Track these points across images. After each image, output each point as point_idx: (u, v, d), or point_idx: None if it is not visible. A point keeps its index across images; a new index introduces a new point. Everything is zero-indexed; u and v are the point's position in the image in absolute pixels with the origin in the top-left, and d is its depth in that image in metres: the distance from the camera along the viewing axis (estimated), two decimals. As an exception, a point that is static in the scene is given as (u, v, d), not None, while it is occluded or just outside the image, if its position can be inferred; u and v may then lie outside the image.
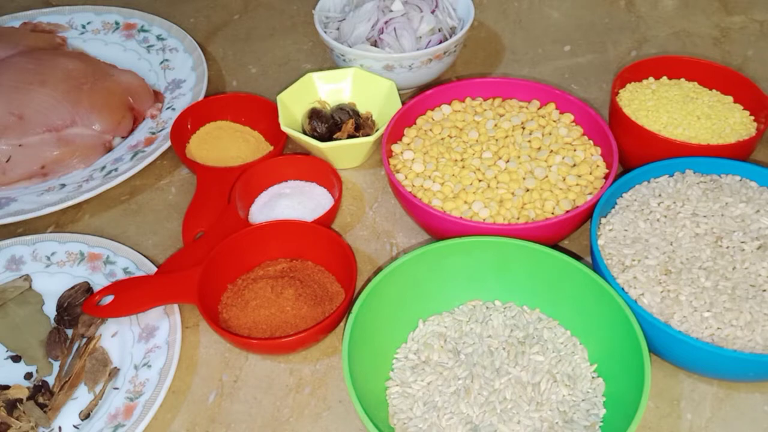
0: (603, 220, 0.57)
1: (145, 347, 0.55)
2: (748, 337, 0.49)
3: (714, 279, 0.51)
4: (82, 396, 0.54)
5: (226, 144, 0.71)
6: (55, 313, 0.59)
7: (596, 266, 0.54)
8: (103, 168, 0.71)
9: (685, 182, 0.58)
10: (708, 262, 0.53)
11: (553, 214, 0.58)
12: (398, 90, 0.71)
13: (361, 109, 0.73)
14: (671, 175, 0.60)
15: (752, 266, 0.52)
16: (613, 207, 0.59)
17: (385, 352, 0.54)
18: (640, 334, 0.48)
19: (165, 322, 0.56)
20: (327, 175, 0.66)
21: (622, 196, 0.59)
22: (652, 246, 0.54)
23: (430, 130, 0.67)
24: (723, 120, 0.64)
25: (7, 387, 0.54)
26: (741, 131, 0.63)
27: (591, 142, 0.65)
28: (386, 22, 0.75)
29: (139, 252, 0.62)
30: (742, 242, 0.54)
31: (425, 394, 0.51)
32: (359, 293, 0.52)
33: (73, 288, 0.60)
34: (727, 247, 0.54)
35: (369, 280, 0.57)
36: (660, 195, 0.58)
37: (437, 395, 0.50)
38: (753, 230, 0.55)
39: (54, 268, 0.62)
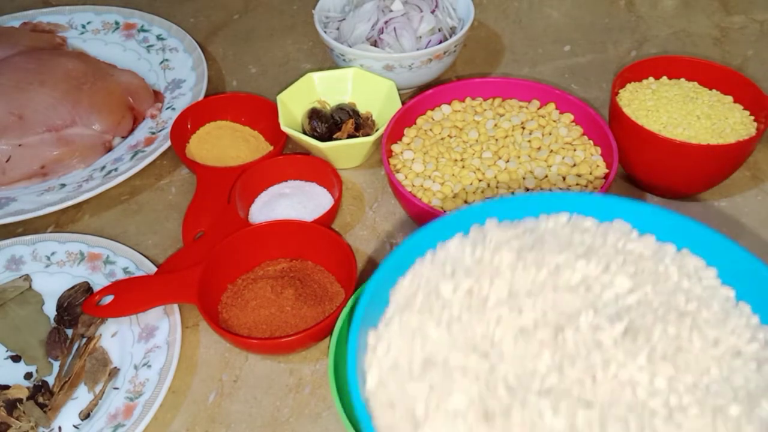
0: (372, 336, 0.33)
1: (144, 347, 0.55)
2: None
3: (567, 410, 0.29)
4: (82, 396, 0.54)
5: (226, 144, 0.71)
6: (55, 313, 0.59)
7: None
8: (103, 168, 0.71)
9: (489, 242, 0.36)
10: (550, 377, 0.31)
11: (553, 214, 0.58)
12: (398, 90, 0.71)
13: (361, 109, 0.73)
14: (466, 234, 0.38)
15: (622, 370, 0.31)
16: (385, 309, 0.34)
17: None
18: None
19: (165, 322, 0.56)
20: (327, 175, 0.66)
21: (398, 285, 0.35)
22: (455, 370, 0.31)
23: (430, 130, 0.67)
24: (723, 120, 0.64)
25: (7, 387, 0.54)
26: (741, 131, 0.63)
27: (591, 142, 0.65)
28: (386, 22, 0.75)
29: (139, 252, 0.62)
30: (597, 329, 0.32)
31: None
32: (359, 293, 0.52)
33: (72, 288, 0.60)
34: (575, 344, 0.32)
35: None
36: (454, 273, 0.35)
37: None
38: (607, 303, 0.34)
39: (54, 268, 0.62)
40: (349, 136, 0.69)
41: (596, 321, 0.33)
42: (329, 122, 0.70)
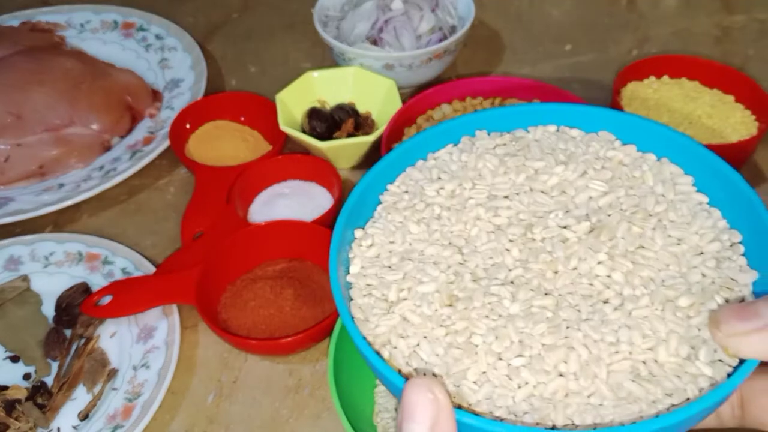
0: (358, 232, 0.36)
1: (143, 348, 0.55)
2: (589, 390, 0.28)
3: (524, 298, 0.31)
4: (80, 396, 0.54)
5: (225, 143, 0.71)
6: (54, 314, 0.58)
7: (343, 315, 0.32)
8: (102, 168, 0.71)
9: (476, 150, 0.38)
10: (516, 269, 0.33)
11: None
12: (398, 89, 0.71)
13: (361, 109, 0.73)
14: (456, 144, 0.40)
15: (583, 263, 0.32)
16: (373, 212, 0.38)
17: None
18: None
19: (164, 323, 0.56)
20: (327, 175, 0.66)
21: (387, 190, 0.38)
22: (429, 261, 0.34)
23: (430, 129, 0.66)
24: (724, 119, 0.64)
25: (5, 387, 0.53)
26: (742, 131, 0.63)
27: (592, 141, 0.65)
28: (386, 21, 0.75)
29: (137, 252, 0.62)
30: (564, 227, 0.34)
31: None
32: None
33: (71, 288, 0.59)
34: (542, 240, 0.34)
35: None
36: (440, 177, 0.37)
37: None
38: (579, 205, 0.35)
39: (52, 268, 0.62)
40: (349, 136, 0.69)
41: (565, 220, 0.34)
42: (329, 121, 0.69)
